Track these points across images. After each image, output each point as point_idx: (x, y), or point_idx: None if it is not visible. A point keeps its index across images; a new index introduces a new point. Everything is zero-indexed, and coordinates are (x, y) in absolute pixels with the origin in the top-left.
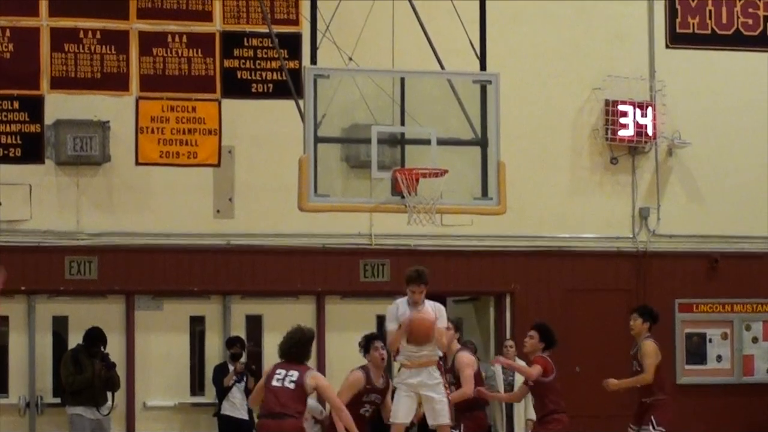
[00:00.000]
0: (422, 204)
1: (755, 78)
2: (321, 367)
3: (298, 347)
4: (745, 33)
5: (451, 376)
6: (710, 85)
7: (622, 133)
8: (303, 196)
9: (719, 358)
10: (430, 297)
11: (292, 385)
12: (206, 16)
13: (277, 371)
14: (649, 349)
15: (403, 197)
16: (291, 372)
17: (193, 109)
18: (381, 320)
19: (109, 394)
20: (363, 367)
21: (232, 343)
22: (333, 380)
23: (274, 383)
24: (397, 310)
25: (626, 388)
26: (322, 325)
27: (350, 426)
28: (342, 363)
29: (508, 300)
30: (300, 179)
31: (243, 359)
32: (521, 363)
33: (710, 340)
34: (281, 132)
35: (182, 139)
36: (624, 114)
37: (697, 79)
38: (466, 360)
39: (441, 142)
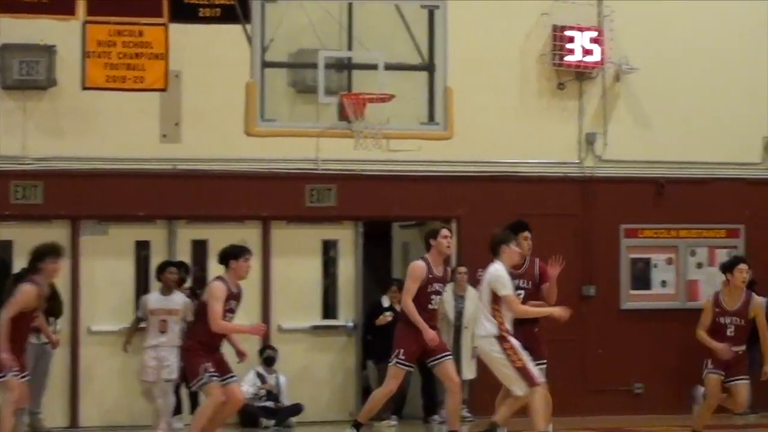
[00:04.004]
0: (369, 129)
1: (703, 3)
2: (266, 292)
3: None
4: None
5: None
6: (658, 11)
7: (569, 58)
8: (250, 121)
9: (664, 283)
10: (377, 221)
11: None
12: None
13: None
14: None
15: (350, 122)
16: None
17: (141, 33)
18: (327, 245)
19: (52, 320)
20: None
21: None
22: (279, 302)
23: None
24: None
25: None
26: (268, 249)
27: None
28: (287, 287)
29: (454, 225)
30: (247, 104)
31: (188, 284)
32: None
33: (655, 266)
34: (229, 57)
35: (129, 63)
36: (572, 39)
37: (645, 5)
38: None
39: (388, 68)
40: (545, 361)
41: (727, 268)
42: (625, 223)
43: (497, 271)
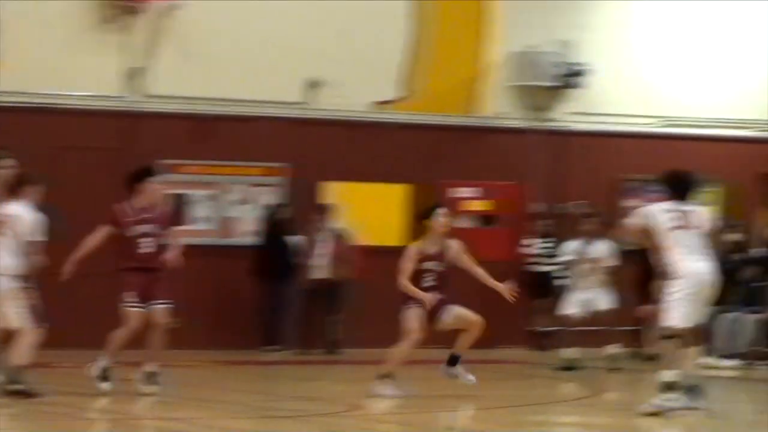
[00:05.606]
0: None
1: None
2: None
3: None
4: None
5: None
6: None
7: None
8: None
9: (203, 219)
10: None
11: None
12: None
13: None
14: None
15: None
16: None
17: None
18: None
19: None
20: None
21: None
22: None
23: None
24: None
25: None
26: None
27: None
28: None
29: None
30: None
31: None
32: None
33: (195, 202)
34: None
35: None
36: None
37: None
38: None
39: None
40: (166, 301)
41: (426, 215)
42: (168, 159)
43: (24, 213)
